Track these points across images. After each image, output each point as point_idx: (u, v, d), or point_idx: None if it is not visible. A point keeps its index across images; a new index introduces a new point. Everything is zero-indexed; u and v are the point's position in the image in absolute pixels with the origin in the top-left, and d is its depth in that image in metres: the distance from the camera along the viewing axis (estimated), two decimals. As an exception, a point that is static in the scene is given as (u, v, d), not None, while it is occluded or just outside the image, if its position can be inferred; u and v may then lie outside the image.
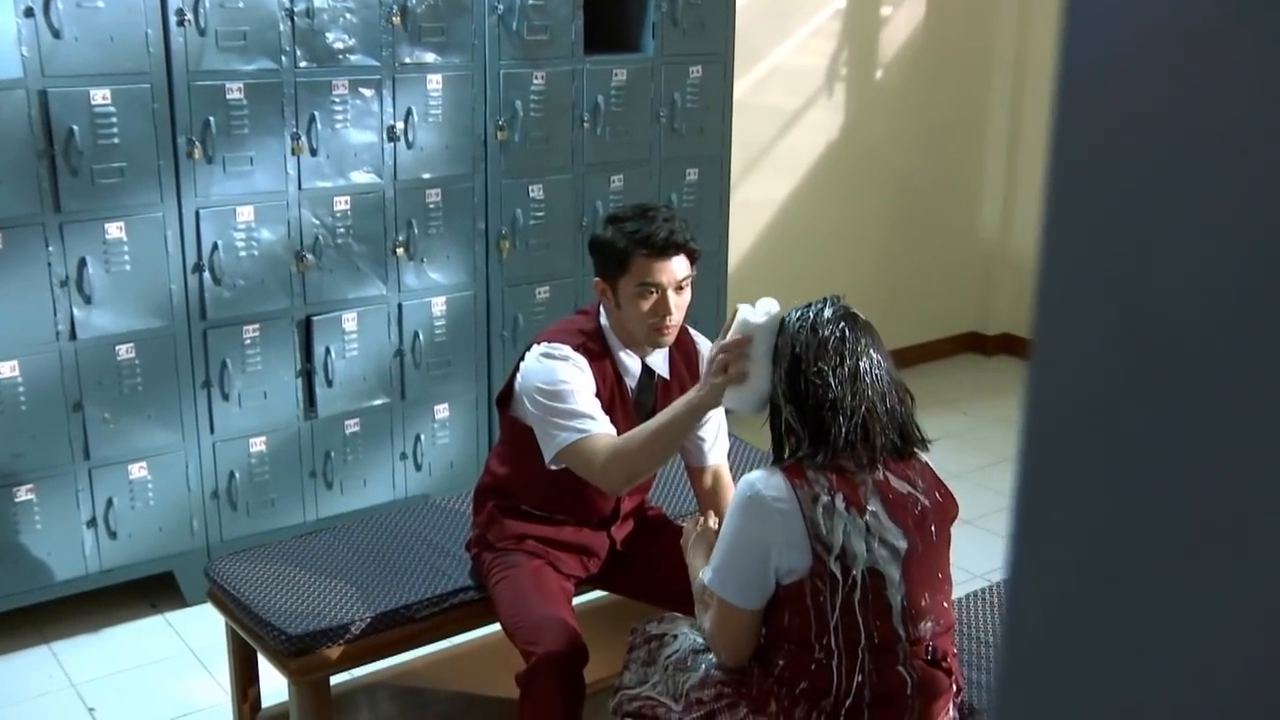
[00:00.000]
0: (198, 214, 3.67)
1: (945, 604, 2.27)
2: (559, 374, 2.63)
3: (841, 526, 2.12)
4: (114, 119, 3.47)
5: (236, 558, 3.05)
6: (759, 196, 5.52)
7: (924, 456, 2.31)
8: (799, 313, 2.25)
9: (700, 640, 2.42)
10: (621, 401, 2.75)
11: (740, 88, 4.91)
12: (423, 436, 4.25)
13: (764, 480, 2.17)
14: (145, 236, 3.60)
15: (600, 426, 2.59)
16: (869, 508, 2.15)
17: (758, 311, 2.30)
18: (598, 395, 2.66)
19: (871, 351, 2.20)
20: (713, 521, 2.55)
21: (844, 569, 2.12)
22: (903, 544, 2.16)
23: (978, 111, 6.33)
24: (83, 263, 3.51)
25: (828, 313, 2.22)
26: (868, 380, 2.17)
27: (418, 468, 4.26)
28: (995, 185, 6.43)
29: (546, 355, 2.67)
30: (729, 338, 2.31)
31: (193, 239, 3.68)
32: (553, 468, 2.64)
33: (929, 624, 2.21)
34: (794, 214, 5.67)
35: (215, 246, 3.71)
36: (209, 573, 3.00)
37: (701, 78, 4.60)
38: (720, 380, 2.32)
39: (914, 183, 6.09)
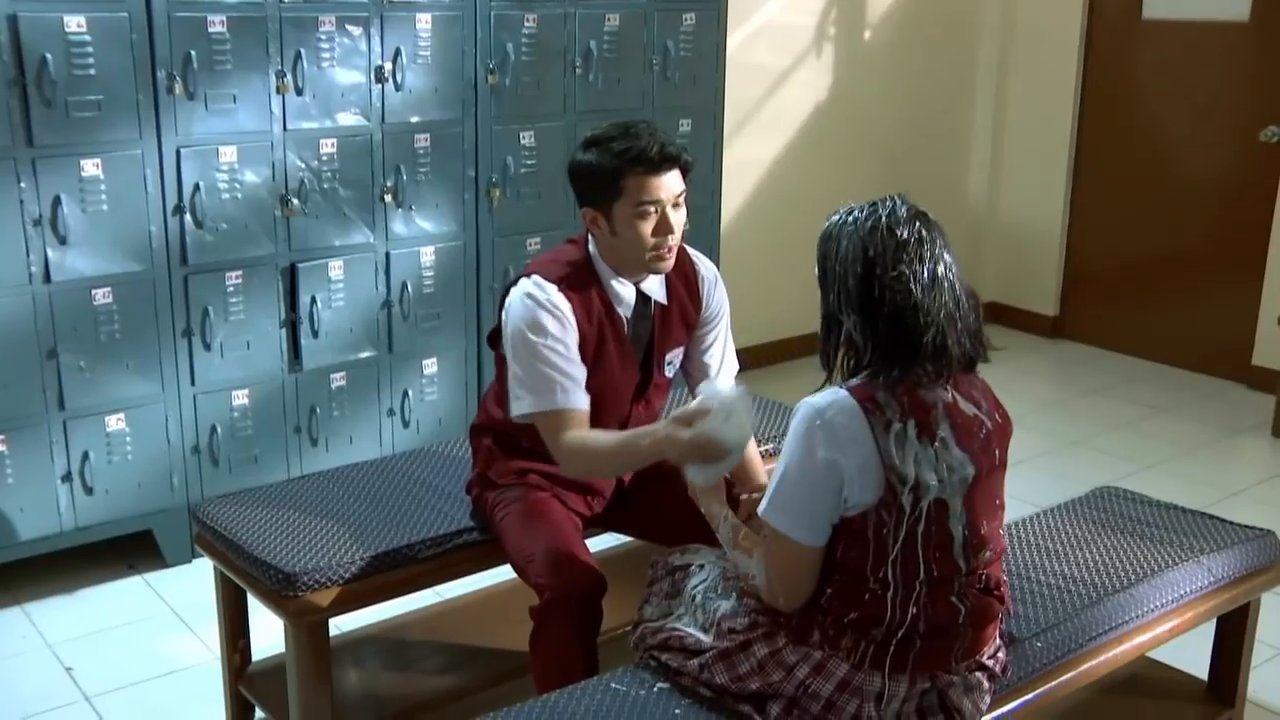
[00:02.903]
0: (178, 153, 3.50)
1: (1000, 530, 2.14)
2: (541, 325, 2.47)
3: (913, 456, 1.96)
4: (89, 49, 3.29)
5: (226, 501, 2.88)
6: (749, 157, 5.40)
7: (981, 375, 2.18)
8: (865, 212, 2.06)
9: (728, 568, 2.29)
10: (614, 334, 2.59)
11: (730, 44, 4.79)
12: (410, 392, 4.10)
13: (832, 405, 1.97)
14: (123, 175, 3.43)
15: (571, 399, 2.46)
16: (939, 433, 2.01)
17: (725, 393, 2.25)
18: (584, 333, 2.52)
19: (946, 254, 2.05)
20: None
21: (914, 501, 1.97)
22: (970, 471, 2.02)
23: (964, 78, 6.25)
24: (57, 201, 3.34)
25: (902, 212, 2.05)
26: (945, 284, 2.02)
27: (405, 424, 4.11)
28: (982, 153, 6.35)
29: (530, 298, 2.50)
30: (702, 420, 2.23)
31: (173, 179, 3.51)
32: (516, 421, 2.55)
33: (986, 553, 2.09)
34: (783, 176, 5.56)
35: (197, 188, 3.55)
36: (198, 515, 2.84)
37: (694, 26, 4.47)
38: (692, 461, 2.26)
39: (901, 148, 6.00)
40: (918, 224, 2.03)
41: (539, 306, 2.49)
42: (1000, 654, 2.22)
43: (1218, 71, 5.55)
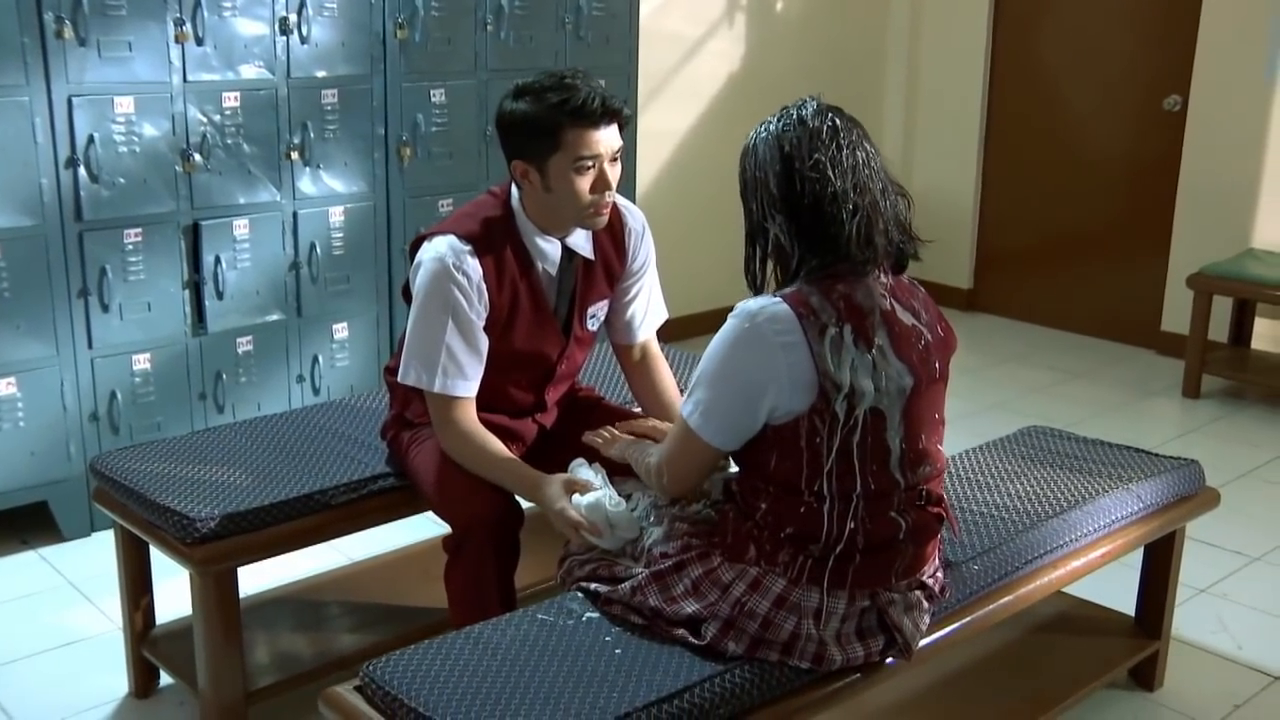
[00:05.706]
0: (70, 102, 3.34)
1: (939, 446, 2.09)
2: (446, 299, 2.37)
3: (849, 362, 1.91)
4: (-28, -12, 3.13)
5: (126, 452, 2.73)
6: (663, 127, 5.35)
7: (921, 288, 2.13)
8: (778, 116, 2.03)
9: (659, 498, 2.21)
10: (529, 294, 2.50)
11: (642, 13, 4.72)
12: (320, 357, 3.96)
13: (765, 310, 1.92)
14: (9, 123, 3.25)
15: (450, 386, 2.40)
16: (876, 341, 1.95)
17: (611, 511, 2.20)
18: (494, 302, 2.42)
19: (866, 144, 2.01)
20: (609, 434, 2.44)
21: (848, 409, 1.92)
22: (908, 381, 1.97)
23: (875, 49, 6.26)
24: (-61, 150, 3.17)
25: (812, 106, 2.02)
26: (866, 172, 1.97)
27: (315, 391, 3.97)
28: (894, 126, 6.37)
29: (441, 262, 2.38)
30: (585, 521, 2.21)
31: (65, 129, 3.35)
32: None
33: (926, 469, 2.04)
34: (696, 147, 5.51)
35: (91, 140, 3.38)
36: (96, 467, 2.68)
37: (608, -15, 4.41)
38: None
39: (815, 121, 5.97)
40: (830, 114, 2.00)
41: (448, 277, 2.37)
42: (939, 574, 2.17)
43: (1122, 40, 5.62)
